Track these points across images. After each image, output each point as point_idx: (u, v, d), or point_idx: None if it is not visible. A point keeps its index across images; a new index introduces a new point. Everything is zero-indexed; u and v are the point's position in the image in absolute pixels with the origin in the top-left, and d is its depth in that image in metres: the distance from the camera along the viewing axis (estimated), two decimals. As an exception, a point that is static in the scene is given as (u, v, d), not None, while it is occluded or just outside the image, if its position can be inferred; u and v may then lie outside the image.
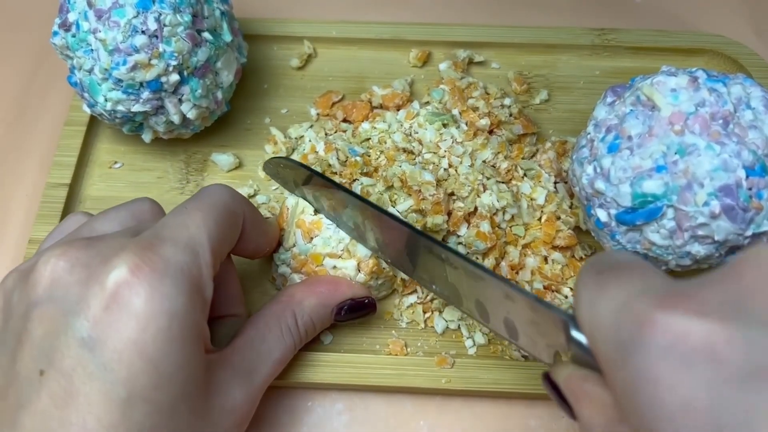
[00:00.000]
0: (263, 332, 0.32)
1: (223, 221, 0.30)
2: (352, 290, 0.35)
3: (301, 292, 0.34)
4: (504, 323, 0.29)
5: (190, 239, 0.28)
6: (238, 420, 0.30)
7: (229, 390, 0.29)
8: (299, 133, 0.44)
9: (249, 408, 0.31)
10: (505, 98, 0.44)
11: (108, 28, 0.36)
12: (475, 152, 0.41)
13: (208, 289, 0.28)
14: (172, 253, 0.26)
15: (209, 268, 0.28)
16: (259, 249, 0.35)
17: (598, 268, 0.23)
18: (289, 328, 0.33)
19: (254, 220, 0.33)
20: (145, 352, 0.25)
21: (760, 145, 0.31)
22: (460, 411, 0.36)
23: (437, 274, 0.32)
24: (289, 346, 0.33)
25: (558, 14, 0.53)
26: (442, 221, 0.38)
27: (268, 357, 0.32)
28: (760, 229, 0.31)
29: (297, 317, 0.33)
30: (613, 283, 0.22)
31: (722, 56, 0.48)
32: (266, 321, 0.33)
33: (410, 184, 0.38)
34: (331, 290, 0.35)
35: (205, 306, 0.28)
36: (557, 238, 0.39)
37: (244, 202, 0.32)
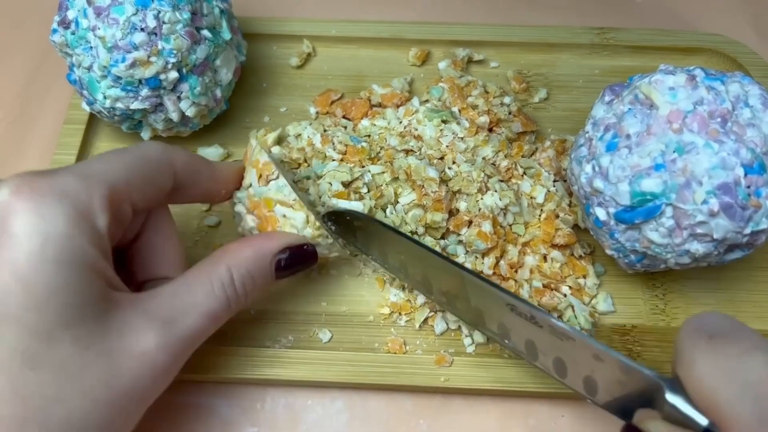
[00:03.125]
0: (190, 283, 0.30)
1: (139, 166, 0.29)
2: (287, 238, 0.33)
3: (236, 245, 0.32)
4: (584, 380, 0.29)
5: (85, 170, 0.27)
6: (150, 369, 0.27)
7: (138, 334, 0.27)
8: (298, 131, 0.44)
9: (167, 360, 0.28)
10: (504, 96, 0.44)
11: (107, 26, 0.36)
12: (476, 148, 0.41)
13: (100, 218, 0.27)
14: (58, 177, 0.26)
15: (103, 199, 0.27)
16: (212, 193, 0.34)
17: (707, 334, 0.25)
18: (222, 282, 0.30)
19: (192, 168, 0.32)
20: (16, 272, 0.24)
21: (758, 143, 0.31)
22: (459, 409, 0.36)
23: (514, 329, 0.32)
24: (221, 301, 0.30)
25: (557, 13, 0.53)
26: (441, 219, 0.38)
27: (193, 309, 0.29)
28: (758, 227, 0.31)
29: (233, 271, 0.31)
30: (737, 354, 0.23)
31: (721, 55, 0.48)
32: (196, 273, 0.30)
33: (414, 178, 0.38)
34: (266, 239, 0.33)
35: (96, 236, 0.27)
36: (556, 237, 0.39)
37: (176, 154, 0.31)
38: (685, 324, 0.26)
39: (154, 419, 0.36)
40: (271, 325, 0.38)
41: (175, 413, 0.36)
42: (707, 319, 0.26)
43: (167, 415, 0.36)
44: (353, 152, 0.41)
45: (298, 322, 0.38)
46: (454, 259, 0.38)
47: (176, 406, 0.36)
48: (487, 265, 0.38)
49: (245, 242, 0.32)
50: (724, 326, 0.25)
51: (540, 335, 0.30)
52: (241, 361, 0.36)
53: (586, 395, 0.29)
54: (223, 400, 0.37)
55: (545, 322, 0.30)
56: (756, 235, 0.32)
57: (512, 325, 0.31)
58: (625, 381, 0.27)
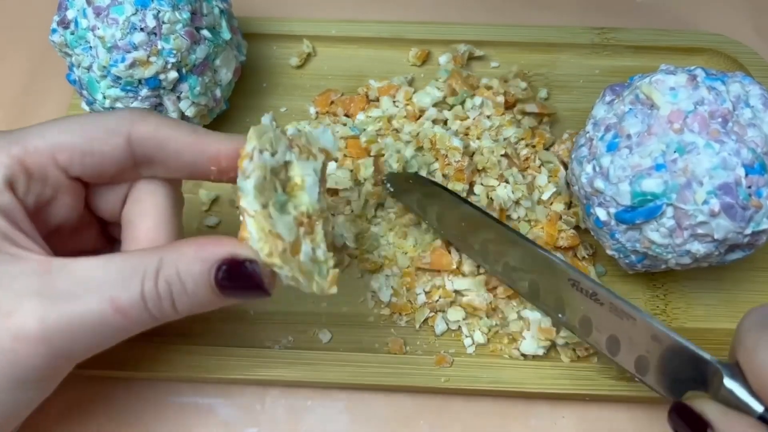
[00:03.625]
0: (113, 262, 0.25)
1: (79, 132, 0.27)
2: (239, 249, 0.26)
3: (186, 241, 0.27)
4: (636, 359, 0.30)
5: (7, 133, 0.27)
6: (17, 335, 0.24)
7: (15, 300, 0.24)
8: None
9: (41, 336, 0.24)
10: (519, 82, 0.45)
11: (107, 26, 0.36)
12: (500, 128, 0.42)
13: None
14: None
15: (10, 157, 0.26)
16: (196, 171, 0.29)
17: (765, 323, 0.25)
18: (145, 271, 0.25)
19: (155, 142, 0.28)
20: None
21: (759, 143, 0.31)
22: (460, 410, 0.36)
23: (571, 305, 0.32)
24: (133, 291, 0.25)
25: (558, 13, 0.53)
26: (461, 189, 0.39)
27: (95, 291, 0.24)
28: (759, 227, 0.31)
29: (162, 264, 0.25)
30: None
31: (722, 55, 0.48)
32: (128, 254, 0.26)
33: (438, 147, 0.39)
34: (216, 243, 0.26)
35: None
36: (560, 239, 0.39)
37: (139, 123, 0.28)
38: (749, 312, 0.26)
39: (154, 419, 0.36)
40: (271, 326, 0.38)
41: (175, 413, 0.36)
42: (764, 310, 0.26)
43: (167, 415, 0.36)
44: (354, 146, 0.41)
45: (298, 323, 0.38)
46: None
47: (176, 406, 0.36)
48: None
49: (196, 240, 0.27)
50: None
51: (598, 312, 0.31)
52: (241, 361, 0.36)
53: (636, 374, 0.30)
54: (223, 400, 0.37)
55: (606, 299, 0.30)
56: (757, 236, 0.32)
57: (570, 300, 0.32)
58: (681, 363, 0.28)
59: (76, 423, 0.36)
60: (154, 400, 0.37)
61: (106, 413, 0.36)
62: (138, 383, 0.37)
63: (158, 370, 0.36)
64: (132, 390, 0.37)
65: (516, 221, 0.40)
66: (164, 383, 0.37)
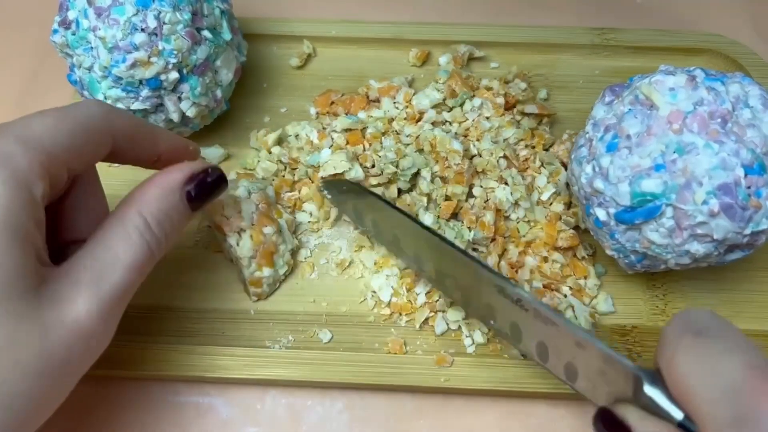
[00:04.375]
0: (105, 239, 0.28)
1: (79, 131, 0.28)
2: (189, 167, 0.32)
3: (140, 189, 0.31)
4: (565, 366, 0.30)
5: (25, 133, 0.26)
6: (83, 335, 0.27)
7: (69, 303, 0.26)
8: (296, 131, 0.44)
9: (99, 321, 0.27)
10: (519, 82, 0.45)
11: (108, 26, 0.36)
12: (500, 129, 0.42)
13: (37, 187, 0.26)
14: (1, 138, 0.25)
15: (40, 165, 0.26)
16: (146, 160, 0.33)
17: (694, 329, 0.25)
18: (138, 229, 0.29)
19: (134, 134, 0.31)
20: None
21: (758, 143, 0.31)
22: (460, 410, 0.36)
23: (500, 311, 0.32)
24: (142, 248, 0.29)
25: (557, 13, 0.53)
26: (461, 192, 0.39)
27: (116, 264, 0.28)
28: (759, 228, 0.31)
29: (145, 215, 0.29)
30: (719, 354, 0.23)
31: (722, 56, 0.48)
32: (108, 228, 0.29)
33: (438, 149, 0.39)
34: (168, 174, 0.31)
35: (33, 206, 0.26)
36: (559, 239, 0.39)
37: (117, 117, 0.30)
38: (672, 318, 0.26)
39: (154, 419, 0.36)
40: (271, 325, 0.38)
41: (175, 413, 0.36)
42: (695, 315, 0.26)
43: (167, 415, 0.36)
44: (355, 139, 0.41)
45: (298, 322, 0.38)
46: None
47: (176, 406, 0.37)
48: (490, 264, 0.38)
49: (148, 183, 0.31)
50: (710, 324, 0.25)
51: (525, 318, 0.31)
52: (241, 361, 0.36)
53: (566, 381, 0.30)
54: (223, 400, 0.37)
55: (531, 306, 0.30)
56: (756, 236, 0.32)
57: (498, 306, 0.32)
58: (605, 370, 0.27)
59: (76, 423, 0.36)
60: (154, 400, 0.37)
61: (106, 413, 0.36)
62: (138, 383, 0.37)
63: (158, 370, 0.36)
64: (132, 390, 0.37)
65: (515, 222, 0.40)
66: (164, 383, 0.37)
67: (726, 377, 0.22)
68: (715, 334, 0.24)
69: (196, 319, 0.38)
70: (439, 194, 0.39)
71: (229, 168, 0.43)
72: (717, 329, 0.25)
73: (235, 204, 0.37)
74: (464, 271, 0.33)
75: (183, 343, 0.37)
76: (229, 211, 0.37)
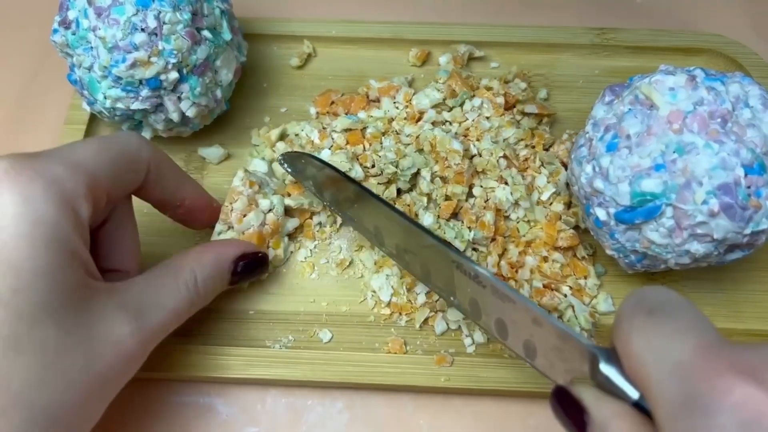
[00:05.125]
0: (159, 280, 0.31)
1: (119, 159, 0.30)
2: (244, 246, 0.36)
3: (198, 251, 0.34)
4: (523, 344, 0.30)
5: (72, 157, 0.28)
6: (124, 355, 0.28)
7: (114, 322, 0.28)
8: (296, 130, 0.44)
9: (138, 348, 0.29)
10: (519, 82, 0.45)
11: (108, 26, 0.36)
12: (500, 128, 0.42)
13: (83, 207, 0.28)
14: (46, 163, 0.27)
15: (86, 187, 0.28)
16: (171, 200, 0.35)
17: (649, 307, 0.24)
18: (187, 284, 0.32)
19: (164, 170, 0.33)
20: (4, 254, 0.25)
21: (758, 143, 0.31)
22: (460, 409, 0.36)
23: (459, 287, 0.32)
24: (185, 298, 0.32)
25: (557, 13, 0.53)
26: (461, 191, 0.39)
27: (161, 304, 0.31)
28: (759, 228, 0.31)
29: (196, 274, 0.32)
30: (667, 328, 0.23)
31: (721, 56, 0.48)
32: (164, 272, 0.32)
33: (438, 149, 0.39)
34: (226, 246, 0.35)
35: (79, 224, 0.27)
36: (559, 239, 0.39)
37: (153, 152, 0.32)
38: (627, 296, 0.25)
39: (154, 419, 0.36)
40: (271, 325, 0.38)
41: (175, 413, 0.36)
42: (649, 293, 0.25)
43: (167, 415, 0.36)
44: (355, 139, 0.41)
45: (298, 322, 0.38)
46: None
47: (176, 406, 0.37)
48: (490, 263, 0.38)
49: (207, 247, 0.34)
50: (665, 302, 0.24)
51: (483, 295, 0.31)
52: (241, 361, 0.36)
53: (526, 358, 0.30)
54: (223, 400, 0.37)
55: (488, 282, 0.30)
56: (756, 236, 0.32)
57: (457, 282, 0.32)
58: (562, 347, 0.27)
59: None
60: (154, 400, 0.37)
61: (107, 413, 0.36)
62: (138, 383, 0.37)
63: (158, 370, 0.36)
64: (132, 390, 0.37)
65: (515, 222, 0.40)
66: (164, 383, 0.37)
67: (675, 357, 0.22)
68: (668, 313, 0.23)
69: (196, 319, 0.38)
70: (439, 194, 0.39)
71: (229, 168, 0.43)
72: (671, 308, 0.24)
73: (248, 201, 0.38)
74: (422, 246, 0.33)
75: (184, 343, 0.37)
76: (237, 204, 0.38)
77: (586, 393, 0.24)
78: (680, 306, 0.24)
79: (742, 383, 0.19)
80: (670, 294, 0.25)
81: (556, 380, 0.28)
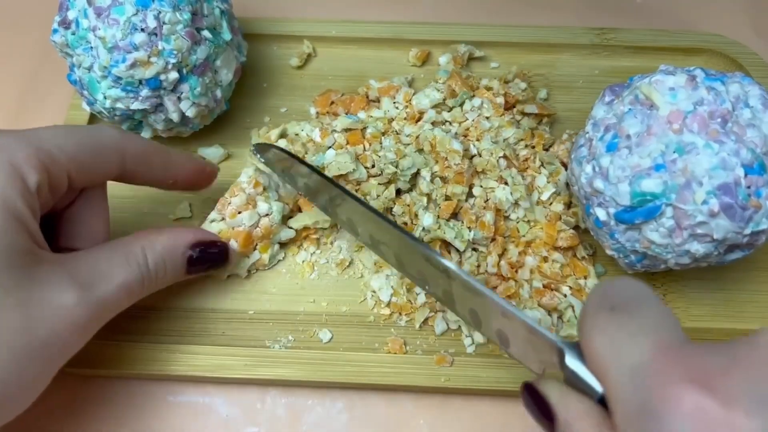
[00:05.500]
0: (109, 253, 0.31)
1: (88, 146, 0.31)
2: (201, 234, 0.35)
3: (152, 231, 0.34)
4: (496, 333, 0.30)
5: (27, 133, 0.29)
6: (68, 323, 0.28)
7: (59, 289, 0.28)
8: (296, 130, 0.44)
9: (84, 317, 0.29)
10: (519, 82, 0.45)
11: (107, 26, 0.36)
12: (500, 128, 0.42)
13: (31, 177, 0.28)
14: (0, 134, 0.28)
15: (38, 161, 0.28)
16: (160, 182, 0.35)
17: (611, 303, 0.23)
18: (137, 260, 0.32)
19: (143, 159, 0.33)
20: None
21: (758, 143, 0.31)
22: (459, 409, 0.36)
23: (431, 278, 0.32)
24: (135, 275, 0.32)
25: (557, 13, 0.53)
26: (461, 192, 0.39)
27: (110, 278, 0.30)
28: (759, 228, 0.31)
29: (146, 252, 0.32)
30: (628, 327, 0.22)
31: (721, 56, 0.48)
32: (113, 247, 0.32)
33: (438, 149, 0.39)
34: (181, 231, 0.35)
35: (27, 193, 0.28)
36: (559, 239, 0.39)
37: (130, 143, 0.33)
38: (593, 289, 0.25)
39: (154, 419, 0.36)
40: (271, 325, 0.38)
41: (175, 413, 0.36)
42: (614, 288, 0.24)
43: (167, 415, 0.36)
44: (356, 139, 0.41)
45: (298, 322, 0.38)
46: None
47: (176, 406, 0.37)
48: (490, 264, 0.38)
49: (162, 229, 0.34)
50: (630, 298, 0.23)
51: (454, 287, 0.31)
52: (241, 361, 0.36)
53: (501, 346, 0.30)
54: (223, 400, 0.37)
55: (456, 276, 0.30)
56: (756, 236, 0.32)
57: (428, 273, 0.32)
58: (531, 339, 0.27)
59: (76, 423, 0.36)
60: (153, 400, 0.37)
61: (106, 413, 0.36)
62: (138, 383, 0.37)
63: (158, 370, 0.36)
64: (132, 390, 0.37)
65: (515, 222, 0.40)
66: (164, 383, 0.37)
67: (634, 359, 0.21)
68: (631, 310, 0.23)
69: (197, 319, 0.38)
70: (439, 194, 0.39)
71: (229, 168, 0.43)
72: (634, 304, 0.23)
73: (247, 200, 0.38)
74: (393, 238, 0.33)
75: (183, 342, 0.37)
76: (236, 199, 0.38)
77: (552, 390, 0.24)
78: (644, 302, 0.23)
79: (693, 392, 0.19)
80: (636, 288, 0.24)
81: (531, 369, 0.28)
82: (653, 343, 0.21)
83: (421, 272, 0.33)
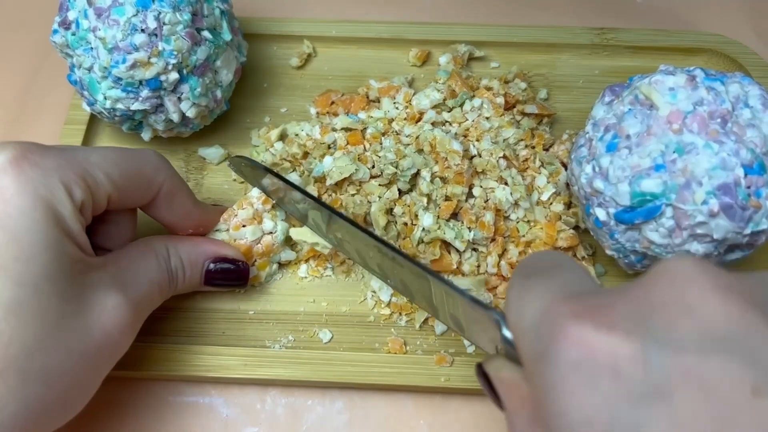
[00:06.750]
0: (139, 253, 0.33)
1: (130, 172, 0.32)
2: (226, 249, 0.36)
3: (177, 236, 0.35)
4: (451, 318, 0.30)
5: (77, 154, 0.30)
6: (117, 325, 0.30)
7: (106, 291, 0.30)
8: (296, 130, 0.44)
9: (129, 318, 0.30)
10: (519, 82, 0.45)
11: (108, 27, 0.36)
12: (500, 129, 0.42)
13: (78, 195, 0.29)
14: (52, 155, 0.29)
15: (84, 182, 0.29)
16: (179, 223, 0.36)
17: (528, 272, 0.24)
18: (162, 256, 0.33)
19: (176, 197, 0.34)
20: (7, 226, 0.26)
21: (758, 143, 0.31)
22: (459, 409, 0.37)
23: (389, 270, 0.33)
24: (163, 272, 0.33)
25: (557, 13, 0.53)
26: (461, 192, 0.39)
27: (145, 275, 0.32)
28: (758, 228, 0.31)
29: (170, 252, 0.34)
30: (536, 287, 0.23)
31: (721, 55, 0.48)
32: (141, 246, 0.33)
33: (438, 150, 0.39)
34: (207, 241, 0.36)
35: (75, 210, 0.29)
36: (559, 239, 0.39)
37: (170, 178, 0.34)
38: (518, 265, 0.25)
39: (154, 419, 0.36)
40: (271, 325, 0.38)
41: (175, 413, 0.36)
42: (533, 257, 0.25)
43: (167, 415, 0.36)
44: (356, 140, 0.41)
45: (298, 322, 0.38)
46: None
47: (176, 406, 0.37)
48: (490, 264, 0.38)
49: (188, 236, 0.36)
50: (546, 265, 0.24)
51: (405, 275, 0.31)
52: (241, 361, 0.36)
53: (459, 332, 0.30)
54: (223, 400, 0.37)
55: (404, 262, 0.31)
56: (756, 236, 0.32)
57: (384, 265, 0.33)
58: (476, 318, 0.27)
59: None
60: (154, 400, 0.37)
61: (107, 413, 0.36)
62: (138, 383, 0.37)
63: (158, 370, 0.36)
64: (132, 390, 0.37)
65: (515, 222, 0.40)
66: (164, 383, 0.37)
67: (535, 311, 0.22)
68: (544, 274, 0.23)
69: (196, 319, 0.38)
70: (439, 194, 0.39)
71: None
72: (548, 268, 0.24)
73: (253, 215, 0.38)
74: (349, 232, 0.34)
75: (183, 343, 0.37)
76: (242, 213, 0.38)
77: (491, 364, 0.25)
78: (559, 266, 0.24)
79: (577, 325, 0.19)
80: (551, 256, 0.25)
81: (485, 350, 0.28)
82: (554, 295, 0.22)
83: (379, 265, 0.33)
